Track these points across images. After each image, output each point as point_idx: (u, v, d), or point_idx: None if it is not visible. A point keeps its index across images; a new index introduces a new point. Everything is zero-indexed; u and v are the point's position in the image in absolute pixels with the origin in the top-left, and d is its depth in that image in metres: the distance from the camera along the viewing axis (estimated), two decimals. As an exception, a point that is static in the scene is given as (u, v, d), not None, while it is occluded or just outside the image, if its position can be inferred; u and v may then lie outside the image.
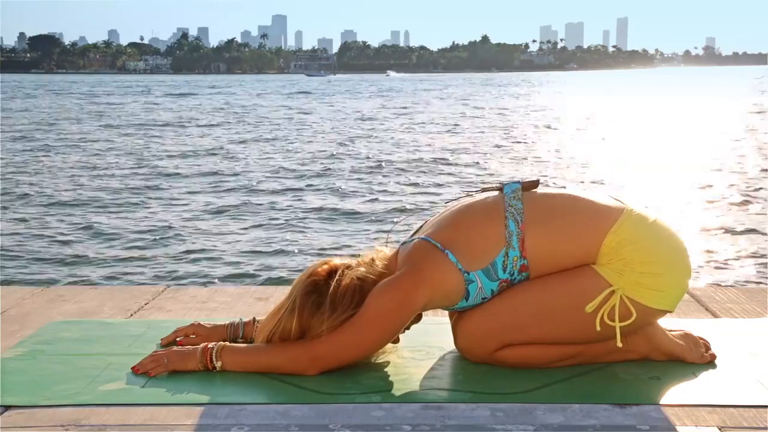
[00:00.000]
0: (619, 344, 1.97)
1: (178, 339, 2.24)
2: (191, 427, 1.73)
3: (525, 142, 19.64)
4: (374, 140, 20.46)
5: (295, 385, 1.94)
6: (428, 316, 2.28)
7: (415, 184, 12.80)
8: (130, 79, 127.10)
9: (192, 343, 2.17)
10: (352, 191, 12.17)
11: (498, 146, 18.55)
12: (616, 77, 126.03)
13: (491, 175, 13.87)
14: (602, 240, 1.97)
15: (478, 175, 13.90)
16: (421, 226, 2.15)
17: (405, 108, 35.53)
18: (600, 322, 1.96)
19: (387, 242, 2.19)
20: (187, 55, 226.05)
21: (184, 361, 2.03)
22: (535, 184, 2.10)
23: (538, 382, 1.95)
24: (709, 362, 2.09)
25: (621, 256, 1.96)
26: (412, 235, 2.11)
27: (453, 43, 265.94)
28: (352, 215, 10.33)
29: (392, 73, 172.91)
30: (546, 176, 13.41)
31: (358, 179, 13.42)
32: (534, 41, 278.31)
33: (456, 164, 15.15)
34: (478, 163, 15.40)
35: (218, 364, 2.02)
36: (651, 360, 2.09)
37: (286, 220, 10.07)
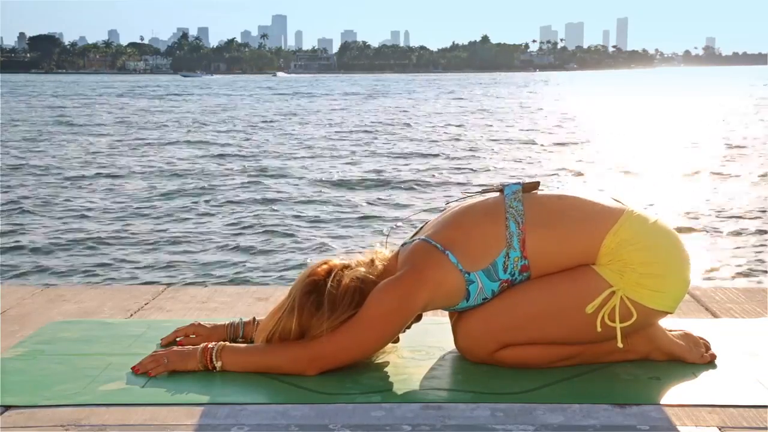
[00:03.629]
0: (620, 345, 1.97)
1: (178, 339, 2.24)
2: (191, 427, 1.73)
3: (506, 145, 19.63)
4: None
5: (295, 385, 1.94)
6: (428, 316, 2.28)
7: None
8: (130, 79, 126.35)
9: (192, 343, 2.18)
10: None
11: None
12: (616, 77, 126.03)
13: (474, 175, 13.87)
14: (602, 241, 1.97)
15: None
16: (421, 227, 2.15)
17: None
18: (600, 322, 1.96)
19: (386, 243, 2.19)
20: (187, 55, 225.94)
21: (184, 361, 2.03)
22: (536, 185, 2.10)
23: (538, 382, 1.95)
24: (709, 362, 2.09)
25: (621, 257, 1.96)
26: (413, 236, 2.11)
27: (453, 43, 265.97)
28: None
29: (280, 74, 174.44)
30: (551, 177, 13.42)
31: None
32: (534, 41, 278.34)
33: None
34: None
35: (218, 364, 2.02)
36: (651, 360, 2.09)
37: (287, 218, 10.08)
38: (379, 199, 11.66)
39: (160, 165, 15.47)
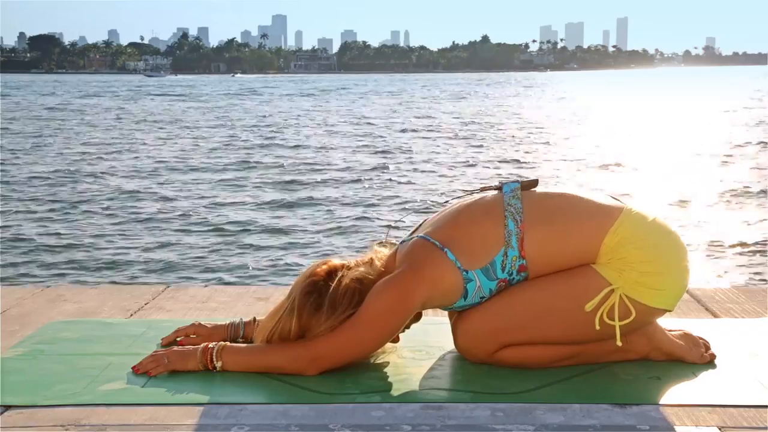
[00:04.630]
0: (619, 343, 1.97)
1: (178, 339, 2.24)
2: (191, 427, 1.73)
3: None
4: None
5: (295, 385, 1.94)
6: (428, 316, 2.28)
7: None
8: (125, 79, 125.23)
9: (193, 343, 2.17)
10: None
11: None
12: (616, 77, 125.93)
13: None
14: (602, 240, 1.97)
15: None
16: (419, 225, 2.15)
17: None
18: (599, 321, 1.96)
19: (386, 241, 2.19)
20: (188, 55, 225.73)
21: (184, 361, 2.03)
22: (534, 183, 2.10)
23: (538, 382, 1.95)
24: (709, 362, 2.09)
25: (620, 256, 1.96)
26: (411, 234, 2.11)
27: (453, 43, 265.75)
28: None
29: (239, 75, 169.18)
30: (551, 176, 13.41)
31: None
32: (534, 41, 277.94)
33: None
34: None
35: (218, 364, 2.02)
36: (651, 360, 2.09)
37: (289, 218, 10.08)
38: (379, 197, 11.67)
39: (154, 164, 15.49)
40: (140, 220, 10.04)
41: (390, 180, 13.46)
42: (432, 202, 11.05)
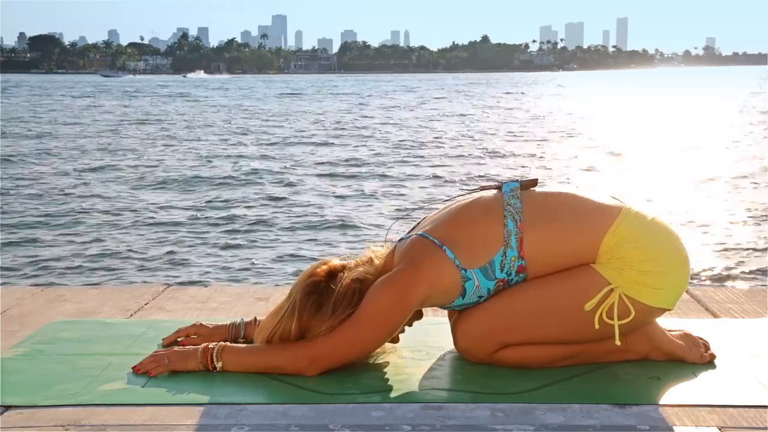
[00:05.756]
0: (618, 342, 1.97)
1: (179, 339, 2.24)
2: (191, 427, 1.73)
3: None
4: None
5: (295, 385, 1.94)
6: (428, 316, 2.28)
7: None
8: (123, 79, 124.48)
9: (194, 343, 2.17)
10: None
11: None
12: (617, 77, 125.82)
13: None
14: (601, 240, 1.97)
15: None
16: (418, 223, 2.15)
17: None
18: (599, 320, 1.96)
19: (386, 239, 2.19)
20: (188, 55, 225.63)
21: (184, 361, 2.03)
22: (534, 183, 2.10)
23: (538, 382, 1.95)
24: (709, 362, 2.09)
25: (620, 255, 1.96)
26: (409, 232, 2.11)
27: (453, 43, 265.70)
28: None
29: (191, 75, 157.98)
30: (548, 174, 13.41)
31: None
32: (534, 41, 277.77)
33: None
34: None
35: (219, 365, 2.02)
36: (651, 360, 2.09)
37: (287, 218, 10.08)
38: (379, 196, 11.67)
39: (155, 164, 15.49)
40: (140, 220, 10.04)
41: (390, 178, 13.46)
42: (432, 200, 11.05)
